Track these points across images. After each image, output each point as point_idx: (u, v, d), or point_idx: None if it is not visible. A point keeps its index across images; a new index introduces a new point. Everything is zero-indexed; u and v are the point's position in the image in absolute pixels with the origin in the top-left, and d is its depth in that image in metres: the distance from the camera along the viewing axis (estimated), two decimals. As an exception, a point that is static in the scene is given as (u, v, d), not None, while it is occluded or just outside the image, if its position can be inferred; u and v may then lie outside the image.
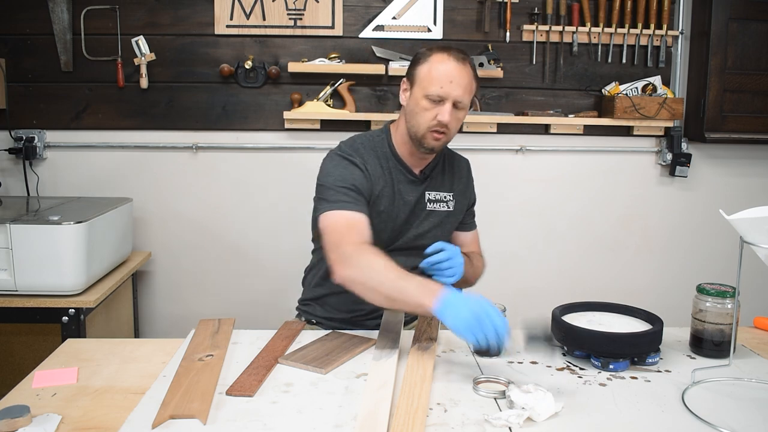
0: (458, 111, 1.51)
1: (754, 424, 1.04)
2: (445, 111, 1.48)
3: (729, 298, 1.32)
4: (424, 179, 1.63)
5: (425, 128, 1.50)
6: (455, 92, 1.47)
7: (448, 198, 1.67)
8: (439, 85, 1.47)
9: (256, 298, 2.67)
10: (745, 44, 2.57)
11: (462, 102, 1.50)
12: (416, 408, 1.05)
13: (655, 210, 2.77)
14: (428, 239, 1.62)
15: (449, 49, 1.51)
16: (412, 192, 1.61)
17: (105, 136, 2.56)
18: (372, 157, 1.58)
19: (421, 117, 1.50)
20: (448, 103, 1.48)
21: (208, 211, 2.63)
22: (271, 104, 2.57)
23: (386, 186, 1.58)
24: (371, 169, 1.56)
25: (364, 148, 1.60)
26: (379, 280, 1.31)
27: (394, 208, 1.59)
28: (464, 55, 1.51)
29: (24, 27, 2.47)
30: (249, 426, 1.02)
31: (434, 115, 1.49)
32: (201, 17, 2.51)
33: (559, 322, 1.34)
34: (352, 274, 1.35)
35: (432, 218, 1.64)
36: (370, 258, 1.35)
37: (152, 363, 1.29)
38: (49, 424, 1.02)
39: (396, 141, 1.61)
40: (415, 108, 1.52)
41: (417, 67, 1.52)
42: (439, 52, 1.50)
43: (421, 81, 1.50)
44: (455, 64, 1.48)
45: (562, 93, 2.66)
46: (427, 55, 1.51)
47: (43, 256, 1.91)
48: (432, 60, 1.49)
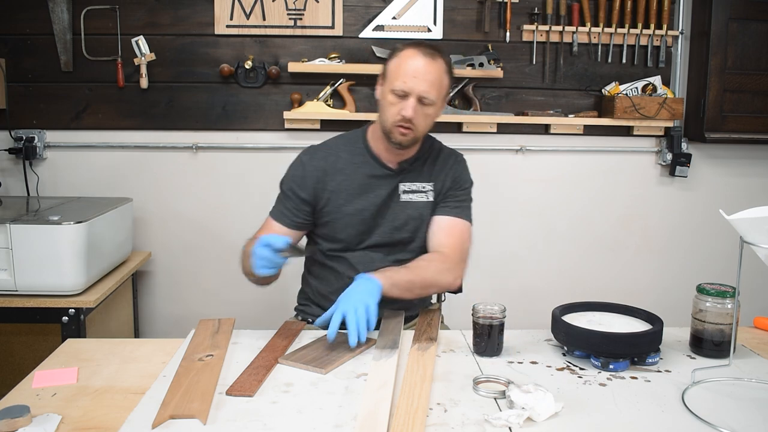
0: (425, 107, 1.50)
1: (754, 424, 1.04)
2: (408, 106, 1.48)
3: (729, 298, 1.32)
4: (399, 172, 1.62)
5: (391, 123, 1.51)
6: (419, 87, 1.47)
7: (427, 188, 1.64)
8: (403, 79, 1.48)
9: (256, 298, 2.66)
10: (745, 44, 2.57)
11: (428, 98, 1.49)
12: (416, 408, 1.05)
13: (655, 210, 2.77)
14: (407, 233, 1.62)
15: (420, 45, 1.52)
16: (384, 185, 1.61)
17: (105, 136, 2.56)
18: (342, 153, 1.62)
19: (388, 111, 1.52)
20: (412, 98, 1.48)
21: (208, 211, 2.63)
22: (271, 104, 2.57)
23: (350, 179, 1.59)
24: (324, 166, 1.60)
25: (333, 145, 1.65)
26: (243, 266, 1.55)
27: (361, 200, 1.59)
28: (435, 52, 1.51)
29: (24, 27, 2.47)
30: (249, 426, 1.02)
31: (399, 110, 1.49)
32: (201, 17, 2.51)
33: (559, 322, 1.34)
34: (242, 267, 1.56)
35: (409, 210, 1.62)
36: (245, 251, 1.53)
37: (152, 363, 1.29)
38: (49, 424, 1.01)
39: (373, 137, 1.63)
40: (383, 102, 1.54)
41: (388, 62, 1.55)
42: (410, 47, 1.51)
43: (389, 75, 1.52)
44: (423, 60, 1.48)
45: (562, 93, 2.66)
46: (398, 51, 1.53)
47: (43, 256, 1.91)
48: (401, 55, 1.51)
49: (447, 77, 1.54)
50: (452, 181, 1.65)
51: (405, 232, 1.62)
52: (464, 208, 1.66)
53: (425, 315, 1.56)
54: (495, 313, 1.33)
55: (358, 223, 1.59)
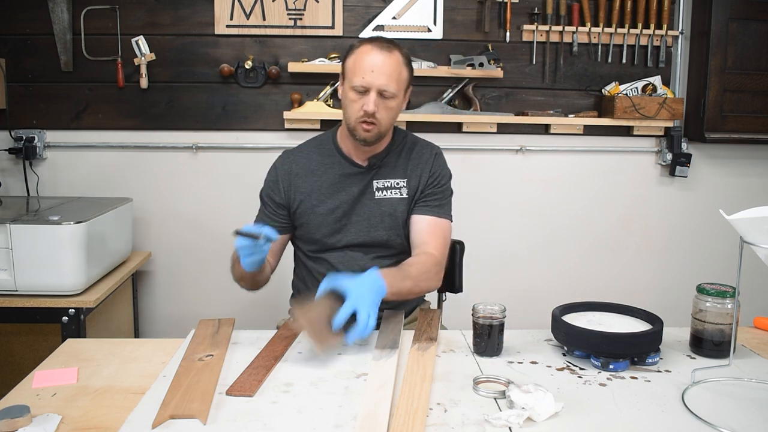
0: (387, 100, 1.50)
1: (754, 424, 1.04)
2: (370, 101, 1.48)
3: (729, 298, 1.32)
4: (370, 168, 1.61)
5: (354, 119, 1.51)
6: (378, 81, 1.47)
7: (401, 184, 1.62)
8: (362, 75, 1.47)
9: (256, 298, 2.65)
10: (745, 44, 2.57)
11: (388, 91, 1.48)
12: (416, 408, 1.05)
13: (655, 210, 2.77)
14: (383, 230, 1.61)
15: (375, 39, 1.52)
16: (356, 183, 1.61)
17: (105, 136, 2.56)
18: (314, 155, 1.64)
19: (350, 108, 1.52)
20: (372, 92, 1.48)
21: (208, 211, 2.63)
22: (271, 104, 2.57)
23: (321, 180, 1.60)
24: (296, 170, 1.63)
25: (305, 147, 1.68)
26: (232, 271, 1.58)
27: (333, 199, 1.59)
28: (391, 45, 1.51)
29: (24, 27, 2.47)
30: (249, 426, 1.02)
31: (361, 106, 1.49)
32: (201, 17, 2.51)
33: (559, 322, 1.34)
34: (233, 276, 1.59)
35: (383, 207, 1.61)
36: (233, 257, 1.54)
37: (152, 363, 1.29)
38: (49, 424, 1.01)
39: (341, 136, 1.64)
40: (344, 100, 1.54)
41: (346, 60, 1.54)
42: (365, 43, 1.51)
43: (348, 73, 1.52)
44: (379, 54, 1.48)
45: (562, 93, 2.66)
46: (354, 48, 1.53)
47: (43, 256, 1.91)
48: (357, 52, 1.51)
49: (406, 69, 1.53)
50: (430, 177, 1.63)
51: (381, 229, 1.61)
52: (445, 205, 1.65)
53: (425, 315, 1.56)
54: (495, 313, 1.33)
55: (332, 222, 1.60)
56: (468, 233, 2.05)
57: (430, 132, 2.42)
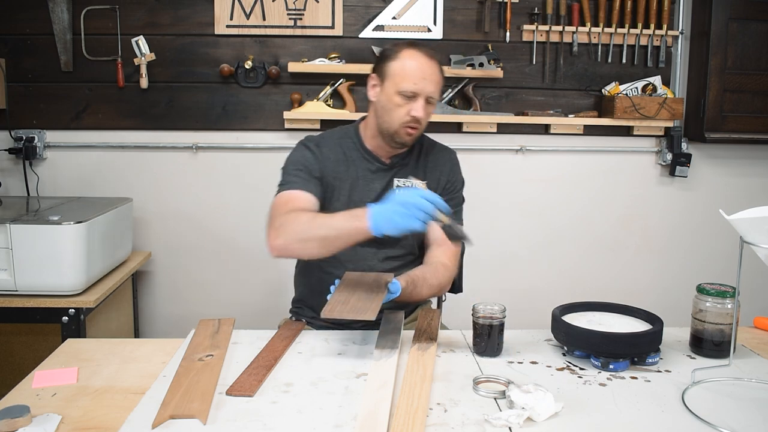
0: (429, 105, 1.54)
1: (754, 424, 1.04)
2: (419, 107, 1.51)
3: (729, 298, 1.32)
4: (393, 166, 1.63)
5: (399, 124, 1.53)
6: (428, 88, 1.51)
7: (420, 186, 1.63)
8: (413, 81, 1.50)
9: (256, 298, 2.67)
10: (745, 44, 2.57)
11: (434, 97, 1.53)
12: (416, 408, 1.05)
13: (655, 210, 2.77)
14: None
15: (417, 45, 1.54)
16: (378, 179, 1.62)
17: (105, 136, 2.56)
18: (334, 146, 1.63)
19: (395, 113, 1.52)
20: (421, 98, 1.51)
21: (208, 211, 2.63)
22: (271, 104, 2.57)
23: (347, 173, 1.60)
24: (328, 154, 1.60)
25: (329, 137, 1.66)
26: (307, 228, 1.37)
27: (356, 193, 1.60)
28: (432, 52, 1.54)
29: (24, 27, 2.47)
30: (249, 426, 1.02)
31: (407, 111, 1.51)
32: (201, 17, 2.51)
33: (559, 322, 1.34)
34: (285, 238, 1.39)
35: None
36: (299, 216, 1.41)
37: (152, 363, 1.29)
38: (49, 424, 1.01)
39: (365, 134, 1.64)
40: (388, 104, 1.53)
41: (387, 63, 1.54)
42: (410, 48, 1.53)
43: (394, 77, 1.52)
44: (426, 60, 1.51)
45: (562, 93, 2.66)
46: (397, 51, 1.54)
47: (43, 256, 1.91)
48: (403, 56, 1.52)
49: (442, 75, 1.58)
50: (447, 182, 1.67)
51: None
52: (457, 212, 1.69)
53: (425, 315, 1.56)
54: (495, 313, 1.33)
55: None
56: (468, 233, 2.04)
57: (430, 132, 2.39)
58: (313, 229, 1.37)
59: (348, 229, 1.32)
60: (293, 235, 1.38)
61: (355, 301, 1.30)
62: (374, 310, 1.26)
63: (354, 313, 1.26)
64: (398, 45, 1.56)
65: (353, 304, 1.29)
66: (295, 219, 1.41)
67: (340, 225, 1.34)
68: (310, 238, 1.37)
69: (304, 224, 1.38)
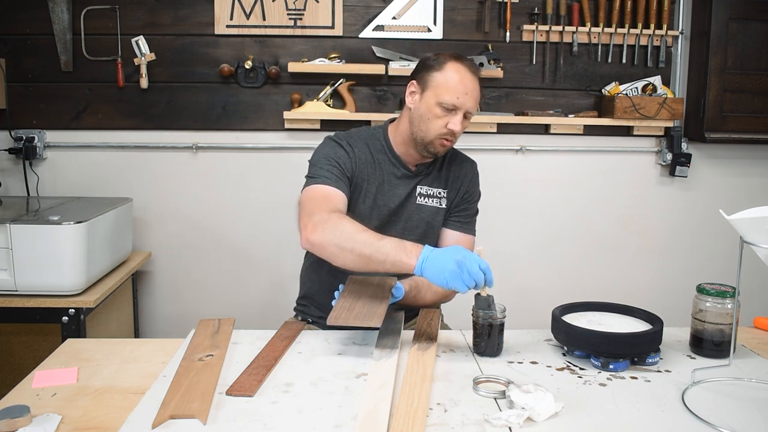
0: (466, 120, 1.55)
1: (754, 424, 1.04)
2: (457, 121, 1.51)
3: (729, 298, 1.32)
4: (418, 173, 1.64)
5: (435, 135, 1.53)
6: (469, 104, 1.52)
7: (442, 194, 1.66)
8: (456, 95, 1.50)
9: (256, 298, 2.67)
10: (745, 44, 2.57)
11: (473, 113, 1.55)
12: (416, 408, 1.05)
13: (655, 210, 2.77)
14: (417, 235, 1.63)
15: (462, 58, 1.54)
16: (403, 185, 1.62)
17: (105, 136, 2.56)
18: (363, 147, 1.62)
19: (433, 123, 1.52)
20: (461, 113, 1.52)
21: (208, 211, 2.63)
22: (271, 104, 2.57)
23: (374, 175, 1.60)
24: (359, 155, 1.59)
25: (357, 137, 1.64)
26: (352, 240, 1.33)
27: (381, 197, 1.60)
28: (475, 67, 1.55)
29: (24, 27, 2.47)
30: (249, 426, 1.02)
31: (445, 123, 1.52)
32: (201, 17, 2.51)
33: (559, 322, 1.34)
34: (324, 237, 1.36)
35: (422, 213, 1.64)
36: (343, 221, 1.38)
37: (152, 363, 1.29)
38: (49, 424, 1.01)
39: (394, 139, 1.63)
40: (426, 114, 1.53)
41: (431, 72, 1.53)
42: (455, 61, 1.52)
43: (436, 88, 1.52)
44: (470, 76, 1.52)
45: (562, 93, 2.66)
46: (442, 62, 1.53)
47: (43, 256, 1.91)
48: (448, 68, 1.51)
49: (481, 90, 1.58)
50: (466, 192, 1.69)
51: (415, 234, 1.63)
52: (472, 222, 1.72)
53: (425, 315, 1.56)
54: (495, 313, 1.33)
55: (375, 218, 1.60)
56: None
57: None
58: (358, 243, 1.33)
59: (394, 259, 1.30)
60: (333, 238, 1.35)
61: (360, 308, 1.31)
62: (380, 316, 1.28)
63: (360, 320, 1.27)
64: (443, 55, 1.54)
65: (358, 310, 1.30)
66: (339, 223, 1.37)
67: (387, 251, 1.30)
68: (351, 249, 1.33)
69: (350, 233, 1.34)
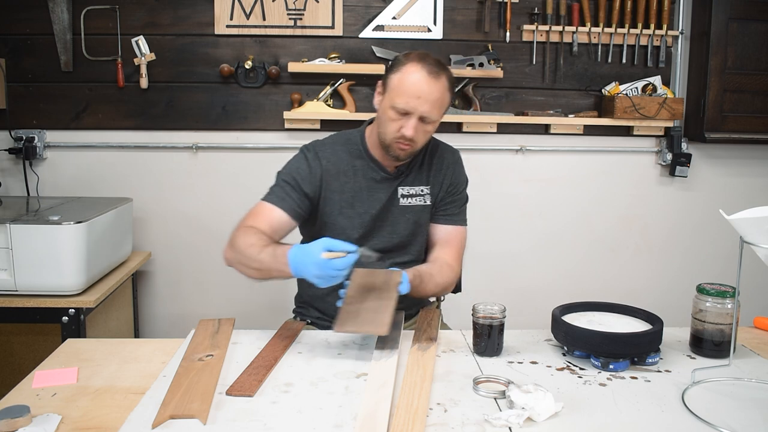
0: (426, 125, 1.48)
1: (754, 424, 1.04)
2: (410, 126, 1.46)
3: (729, 298, 1.32)
4: (398, 175, 1.61)
5: (391, 138, 1.50)
6: (422, 108, 1.44)
7: (425, 191, 1.63)
8: (406, 99, 1.44)
9: (256, 298, 2.66)
10: (745, 44, 2.57)
11: (429, 117, 1.47)
12: (416, 408, 1.05)
13: (655, 210, 2.77)
14: (406, 237, 1.62)
15: (425, 59, 1.47)
16: (383, 189, 1.60)
17: (105, 136, 2.56)
18: (339, 154, 1.59)
19: (388, 126, 1.49)
20: (414, 118, 1.45)
21: (208, 211, 2.63)
22: (271, 104, 2.57)
23: (349, 183, 1.58)
24: (328, 166, 1.57)
25: (333, 144, 1.62)
26: (245, 256, 1.41)
27: (360, 204, 1.58)
28: (439, 69, 1.46)
29: (24, 27, 2.47)
30: (249, 426, 1.02)
31: (399, 127, 1.47)
32: (201, 17, 2.51)
33: (559, 322, 1.34)
34: (229, 255, 1.46)
35: (408, 215, 1.61)
36: (241, 238, 1.44)
37: (152, 363, 1.29)
38: (49, 424, 1.01)
39: (370, 141, 1.61)
40: (383, 116, 1.51)
41: (391, 74, 1.49)
42: (414, 62, 1.46)
43: (391, 90, 1.48)
44: (427, 79, 1.44)
45: (562, 93, 2.66)
46: (402, 63, 1.47)
47: (43, 256, 1.91)
48: (404, 71, 1.46)
49: (449, 94, 1.50)
50: (450, 185, 1.65)
51: (404, 236, 1.62)
52: (462, 212, 1.68)
53: (425, 315, 1.56)
54: (495, 313, 1.33)
55: (358, 227, 1.58)
56: (468, 233, 2.04)
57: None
58: (249, 259, 1.40)
59: (276, 268, 1.37)
60: (236, 255, 1.44)
61: (365, 313, 1.30)
62: (386, 323, 1.26)
63: (366, 327, 1.27)
64: (407, 56, 1.49)
65: (364, 316, 1.29)
66: (237, 240, 1.44)
67: (268, 264, 1.38)
68: (247, 265, 1.41)
69: (246, 249, 1.41)
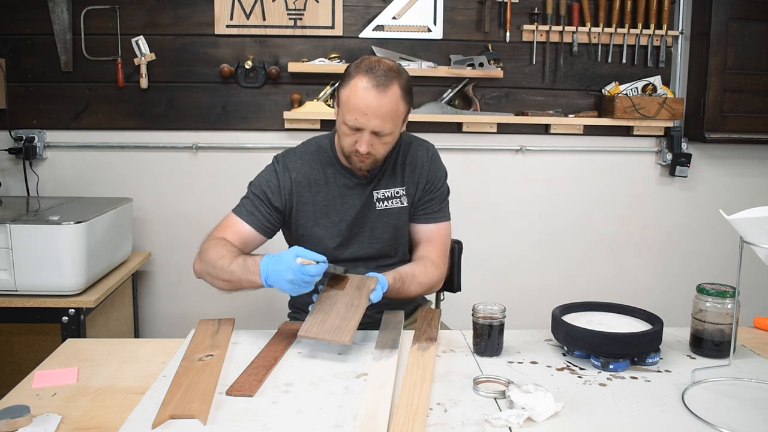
0: (382, 137, 1.44)
1: (754, 424, 1.04)
2: (363, 141, 1.42)
3: (729, 298, 1.32)
4: (371, 180, 1.57)
5: (348, 151, 1.47)
6: (372, 123, 1.40)
7: (401, 192, 1.59)
8: (355, 116, 1.40)
9: (256, 299, 2.66)
10: (745, 44, 2.57)
11: (382, 131, 1.42)
12: (416, 408, 1.05)
13: (655, 210, 2.77)
14: (387, 241, 1.60)
15: (373, 70, 1.40)
16: (357, 195, 1.56)
17: (105, 136, 2.56)
18: (310, 163, 1.57)
19: (345, 140, 1.47)
20: (366, 133, 1.42)
21: (208, 211, 2.63)
22: (271, 104, 2.57)
23: (321, 193, 1.55)
24: (297, 178, 1.55)
25: (303, 153, 1.59)
26: (215, 267, 1.42)
27: (334, 213, 1.56)
28: (388, 79, 1.40)
29: (24, 27, 2.47)
30: (249, 426, 1.02)
31: (355, 141, 1.44)
32: (201, 17, 2.51)
33: (559, 322, 1.34)
34: (199, 267, 1.49)
35: (385, 218, 1.58)
36: (210, 250, 1.46)
37: (152, 363, 1.29)
38: (49, 424, 1.01)
39: (339, 148, 1.56)
40: (339, 129, 1.48)
41: (341, 88, 1.44)
42: (361, 76, 1.40)
43: (342, 106, 1.44)
44: (374, 93, 1.38)
45: (562, 93, 2.66)
46: (350, 77, 1.42)
47: (43, 256, 1.91)
48: (352, 85, 1.41)
49: (403, 103, 1.44)
50: (427, 183, 1.60)
51: (385, 240, 1.59)
52: (443, 208, 1.64)
53: (425, 315, 1.56)
54: (495, 313, 1.33)
55: (335, 236, 1.56)
56: (468, 233, 2.05)
57: (430, 132, 2.42)
58: (220, 270, 1.41)
59: (246, 278, 1.37)
60: (206, 267, 1.45)
61: (332, 319, 1.31)
62: (350, 333, 1.26)
63: (330, 335, 1.27)
64: (357, 67, 1.42)
65: (330, 322, 1.30)
66: (207, 252, 1.45)
67: (238, 275, 1.38)
68: (217, 276, 1.42)
69: (216, 261, 1.42)
